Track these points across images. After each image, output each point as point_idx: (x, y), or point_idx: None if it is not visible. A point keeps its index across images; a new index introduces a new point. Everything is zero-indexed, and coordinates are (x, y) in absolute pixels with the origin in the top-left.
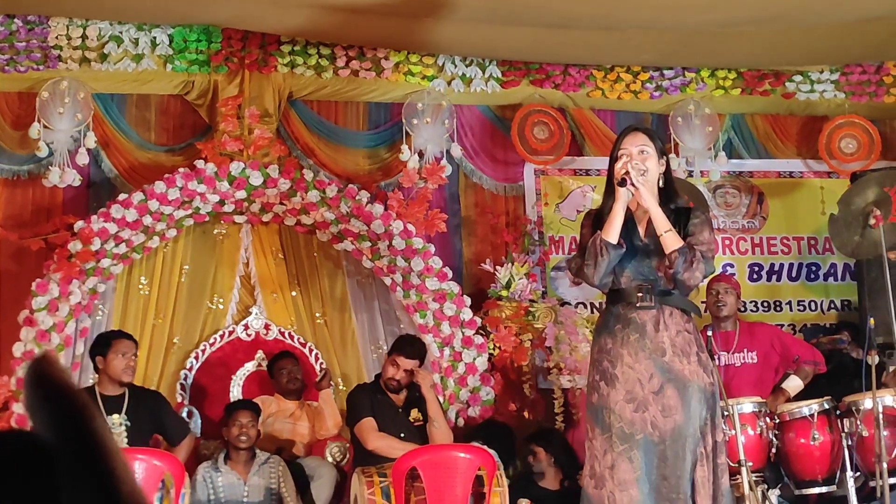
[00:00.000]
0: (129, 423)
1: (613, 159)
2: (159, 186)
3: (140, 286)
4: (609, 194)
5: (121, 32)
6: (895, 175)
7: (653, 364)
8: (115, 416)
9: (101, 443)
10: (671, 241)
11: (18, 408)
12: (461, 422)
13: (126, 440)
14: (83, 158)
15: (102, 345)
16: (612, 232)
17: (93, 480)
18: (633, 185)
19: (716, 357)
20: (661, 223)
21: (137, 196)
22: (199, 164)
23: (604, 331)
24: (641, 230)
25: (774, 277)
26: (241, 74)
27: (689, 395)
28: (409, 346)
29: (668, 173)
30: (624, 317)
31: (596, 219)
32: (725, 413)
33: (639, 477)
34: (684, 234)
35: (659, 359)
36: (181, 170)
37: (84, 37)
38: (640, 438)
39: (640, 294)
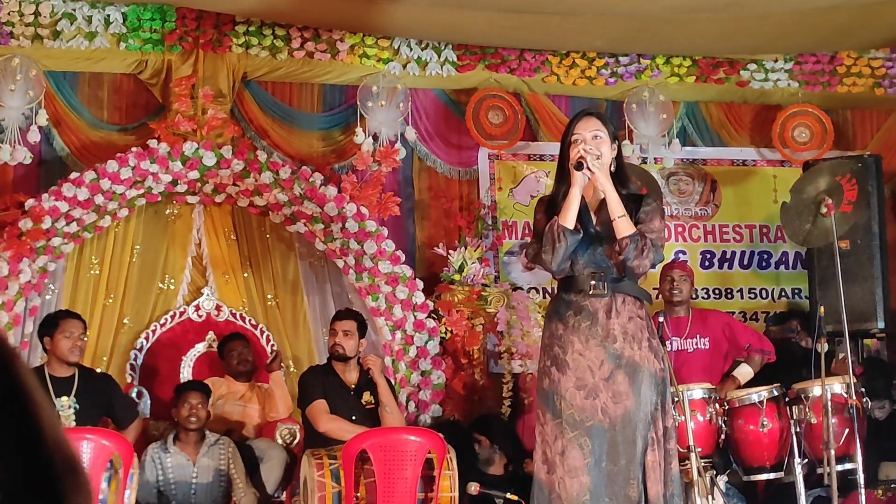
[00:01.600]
0: (77, 406)
1: (566, 144)
2: (111, 165)
3: (91, 266)
4: (561, 180)
5: (74, 10)
6: (847, 164)
7: (603, 351)
8: (65, 398)
9: (26, 390)
10: (623, 226)
11: None
12: (412, 406)
13: (75, 422)
14: (34, 136)
15: (50, 325)
16: (569, 217)
17: (15, 427)
18: (589, 168)
19: (668, 342)
20: (616, 208)
21: (89, 175)
22: (152, 143)
23: (555, 317)
24: (594, 217)
25: (726, 265)
26: (196, 54)
27: (640, 380)
28: (340, 312)
29: (619, 158)
30: (576, 304)
31: (549, 204)
32: (675, 399)
33: (589, 464)
34: (635, 220)
35: (610, 346)
36: (134, 149)
37: (37, 13)
38: (591, 425)
39: (592, 283)
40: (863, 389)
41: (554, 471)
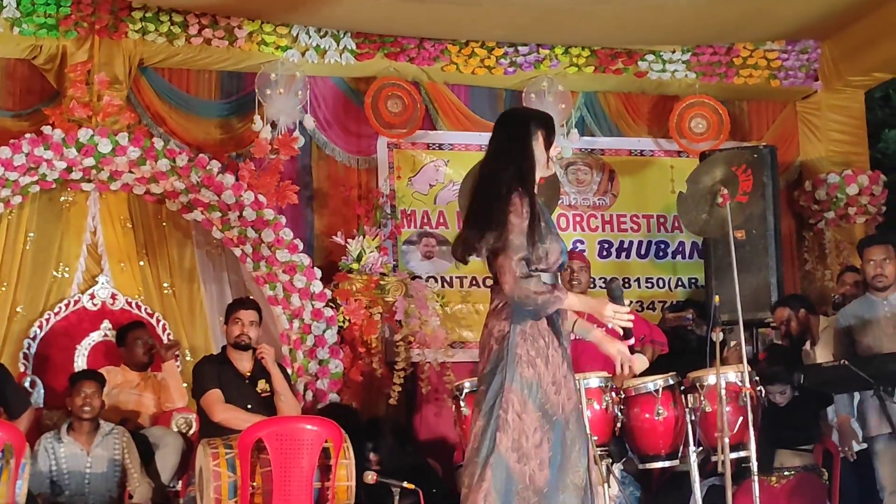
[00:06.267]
0: None
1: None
2: (4, 152)
3: None
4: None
5: None
6: (743, 155)
7: (562, 349)
8: None
9: None
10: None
11: None
12: (310, 395)
13: None
14: None
15: None
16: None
17: None
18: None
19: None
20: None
21: None
22: (47, 130)
23: None
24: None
25: (624, 254)
26: (91, 40)
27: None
28: (244, 301)
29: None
30: None
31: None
32: None
33: (551, 457)
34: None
35: (566, 344)
36: (27, 135)
37: None
38: (556, 420)
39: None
40: (757, 378)
41: (527, 462)
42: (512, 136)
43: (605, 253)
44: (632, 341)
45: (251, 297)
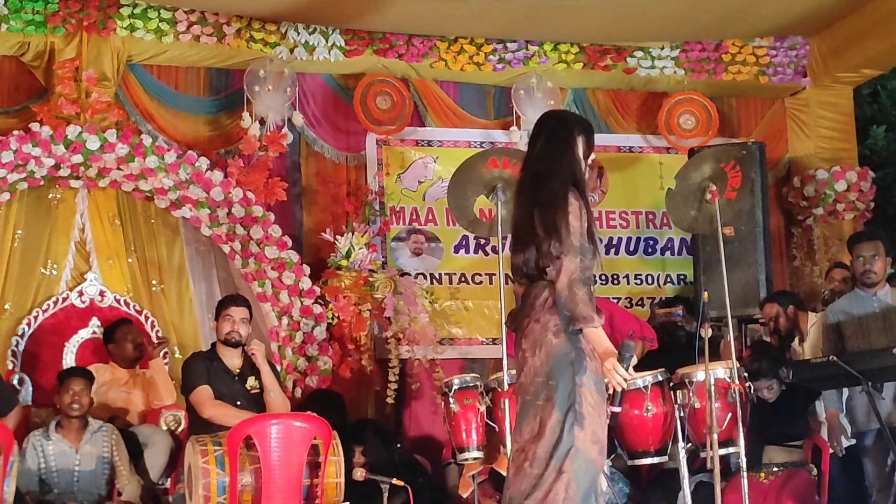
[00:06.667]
0: None
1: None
2: None
3: None
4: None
5: None
6: (731, 151)
7: None
8: None
9: None
10: None
11: None
12: (299, 392)
13: None
14: None
15: None
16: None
17: None
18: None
19: None
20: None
21: None
22: (35, 126)
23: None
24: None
25: (613, 251)
26: (80, 36)
27: None
28: (234, 298)
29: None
30: None
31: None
32: None
33: None
34: None
35: None
36: (16, 132)
37: None
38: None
39: None
40: (746, 374)
41: (601, 451)
42: (558, 138)
43: None
44: (617, 409)
45: (241, 294)
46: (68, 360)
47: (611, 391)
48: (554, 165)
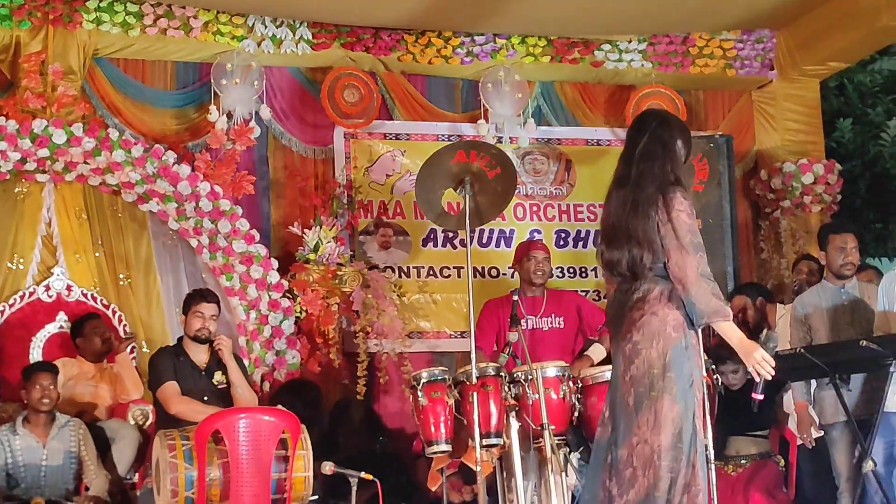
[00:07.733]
0: None
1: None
2: None
3: None
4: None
5: None
6: (699, 144)
7: None
8: None
9: None
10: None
11: None
12: (267, 386)
13: None
14: None
15: None
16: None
17: None
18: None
19: (523, 321)
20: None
21: None
22: (0, 121)
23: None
24: None
25: (581, 244)
26: (45, 30)
27: None
28: (204, 294)
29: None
30: None
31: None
32: (529, 377)
33: None
34: None
35: None
36: None
37: None
38: None
39: None
40: (713, 366)
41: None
42: (661, 139)
43: (562, 242)
44: (760, 397)
45: (210, 290)
46: (35, 355)
47: (758, 379)
48: (659, 166)
